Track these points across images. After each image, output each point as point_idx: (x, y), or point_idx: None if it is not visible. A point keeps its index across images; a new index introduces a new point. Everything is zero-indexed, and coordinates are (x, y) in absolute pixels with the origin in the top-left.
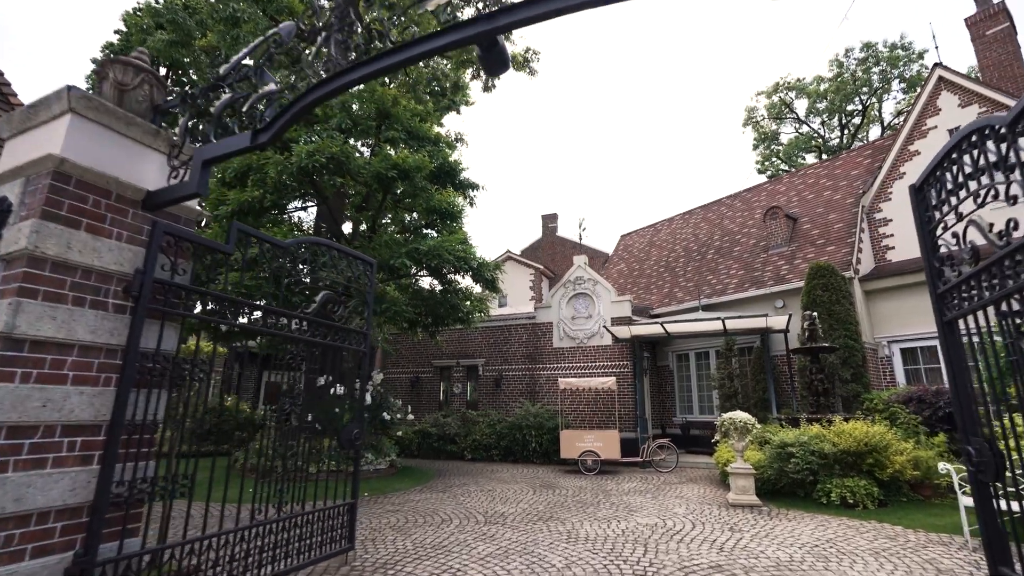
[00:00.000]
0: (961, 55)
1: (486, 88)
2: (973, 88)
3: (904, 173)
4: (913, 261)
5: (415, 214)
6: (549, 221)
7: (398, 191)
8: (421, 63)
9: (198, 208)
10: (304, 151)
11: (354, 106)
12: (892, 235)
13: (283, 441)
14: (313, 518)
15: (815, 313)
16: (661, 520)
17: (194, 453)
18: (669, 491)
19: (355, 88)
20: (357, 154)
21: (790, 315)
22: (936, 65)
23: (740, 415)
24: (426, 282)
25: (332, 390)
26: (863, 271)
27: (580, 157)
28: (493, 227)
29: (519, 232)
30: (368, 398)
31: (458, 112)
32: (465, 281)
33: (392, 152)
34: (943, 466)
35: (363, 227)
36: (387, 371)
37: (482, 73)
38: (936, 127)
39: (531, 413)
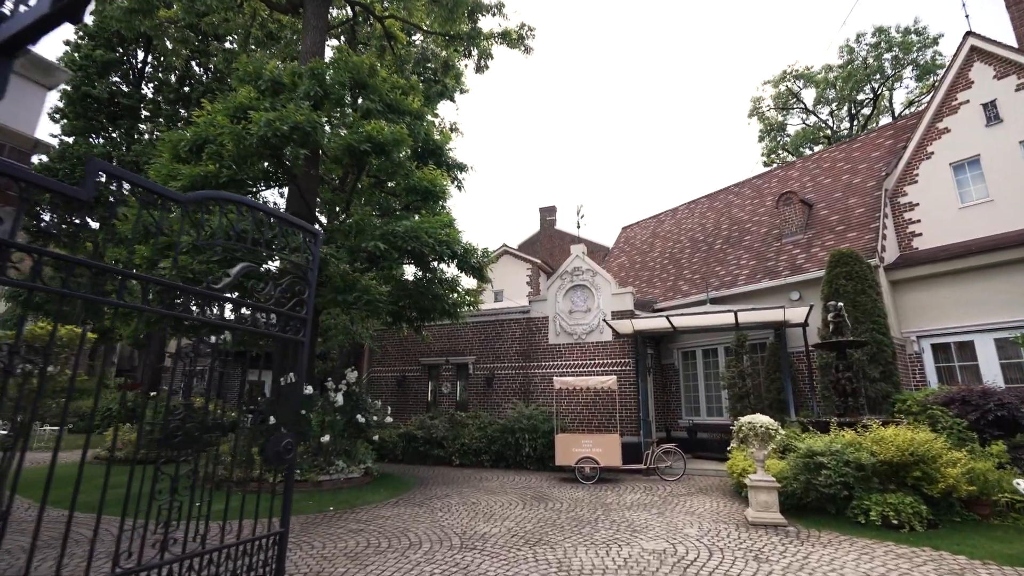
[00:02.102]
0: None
1: (479, 69)
2: (1011, 57)
3: (932, 153)
4: (945, 248)
5: (398, 199)
6: (547, 214)
7: (374, 168)
8: (408, 41)
9: (34, 136)
10: (262, 118)
11: (327, 77)
12: (919, 221)
13: (168, 449)
14: (220, 557)
15: (841, 304)
16: (670, 545)
17: (155, 459)
18: (677, 505)
19: (327, 56)
20: (328, 126)
21: (811, 306)
22: (968, 34)
23: (761, 419)
24: (413, 273)
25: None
26: (887, 260)
27: (579, 149)
28: (490, 222)
29: (517, 227)
30: (340, 398)
31: (452, 100)
32: (452, 270)
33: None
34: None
35: (339, 211)
36: (372, 369)
37: (474, 51)
38: (968, 102)
39: (524, 415)
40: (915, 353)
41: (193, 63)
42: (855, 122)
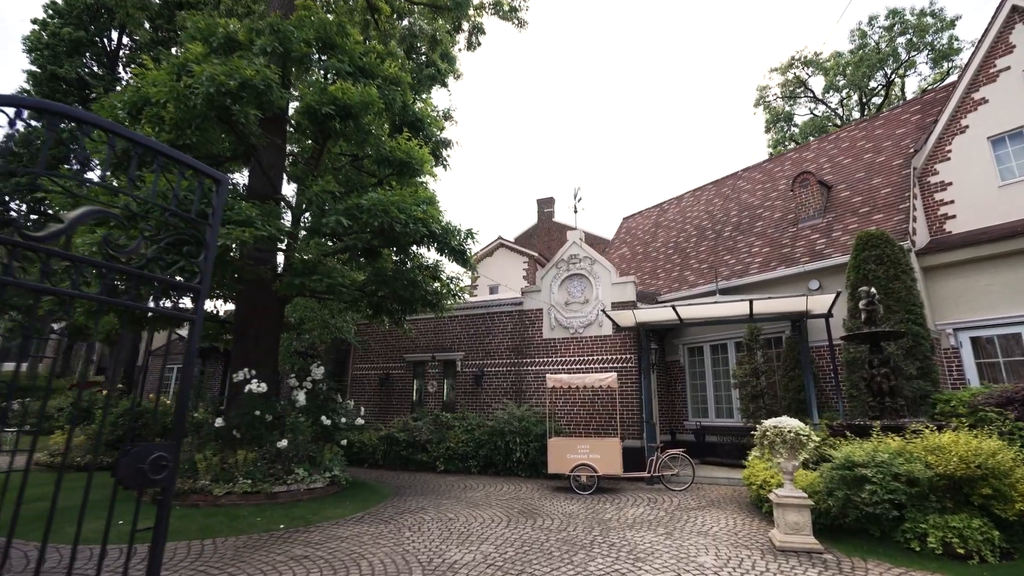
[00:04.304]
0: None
1: (470, 45)
2: None
3: (966, 127)
4: (985, 231)
5: (375, 176)
6: (545, 206)
7: (341, 137)
8: (393, 13)
9: None
10: (205, 72)
11: (290, 35)
12: (952, 201)
13: None
14: None
15: (874, 290)
16: None
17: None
18: (687, 522)
19: (293, 15)
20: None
21: (838, 292)
22: None
23: (789, 422)
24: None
25: (248, 387)
26: (917, 245)
27: (579, 140)
28: (487, 216)
29: (514, 220)
30: (301, 397)
31: (445, 85)
32: (433, 255)
33: (333, 86)
34: None
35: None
36: (355, 366)
37: (464, 25)
38: (1009, 68)
39: (515, 416)
40: (952, 347)
41: (173, 49)
42: (865, 111)
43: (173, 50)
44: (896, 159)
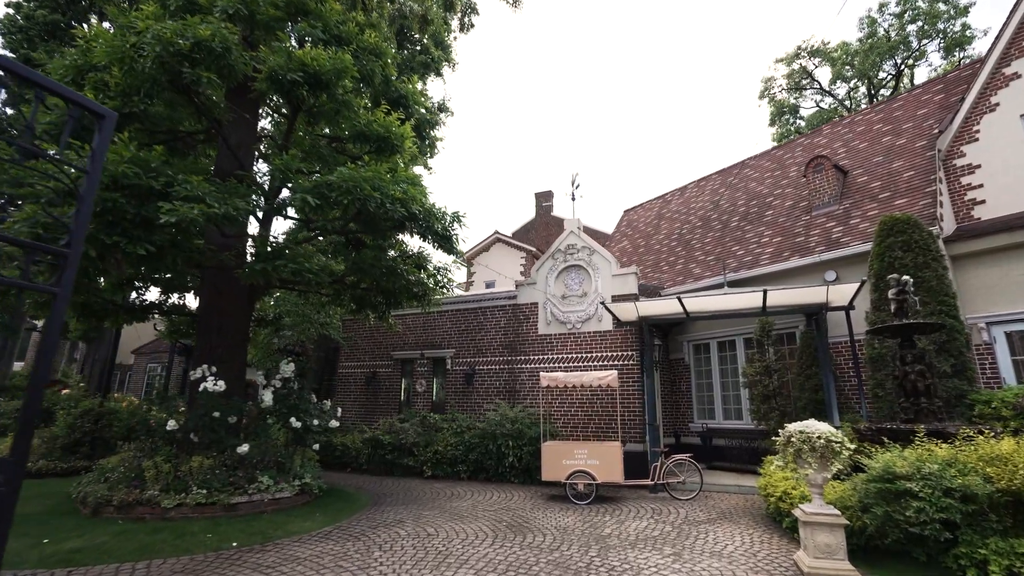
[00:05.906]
0: None
1: (463, 27)
2: None
3: (997, 104)
4: (1018, 216)
5: (352, 157)
6: (543, 199)
7: (313, 110)
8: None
9: None
10: (151, 31)
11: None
12: (981, 185)
13: None
14: None
15: (908, 278)
16: None
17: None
18: (697, 539)
19: None
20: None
21: (863, 280)
22: None
23: (818, 427)
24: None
25: (203, 385)
26: (944, 231)
27: (578, 134)
28: (484, 211)
29: (512, 215)
30: (267, 397)
31: (439, 74)
32: (417, 242)
33: (301, 51)
34: None
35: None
36: (340, 365)
37: (457, 4)
38: None
39: (508, 418)
40: (984, 343)
41: None
42: (874, 103)
43: None
44: (919, 140)
